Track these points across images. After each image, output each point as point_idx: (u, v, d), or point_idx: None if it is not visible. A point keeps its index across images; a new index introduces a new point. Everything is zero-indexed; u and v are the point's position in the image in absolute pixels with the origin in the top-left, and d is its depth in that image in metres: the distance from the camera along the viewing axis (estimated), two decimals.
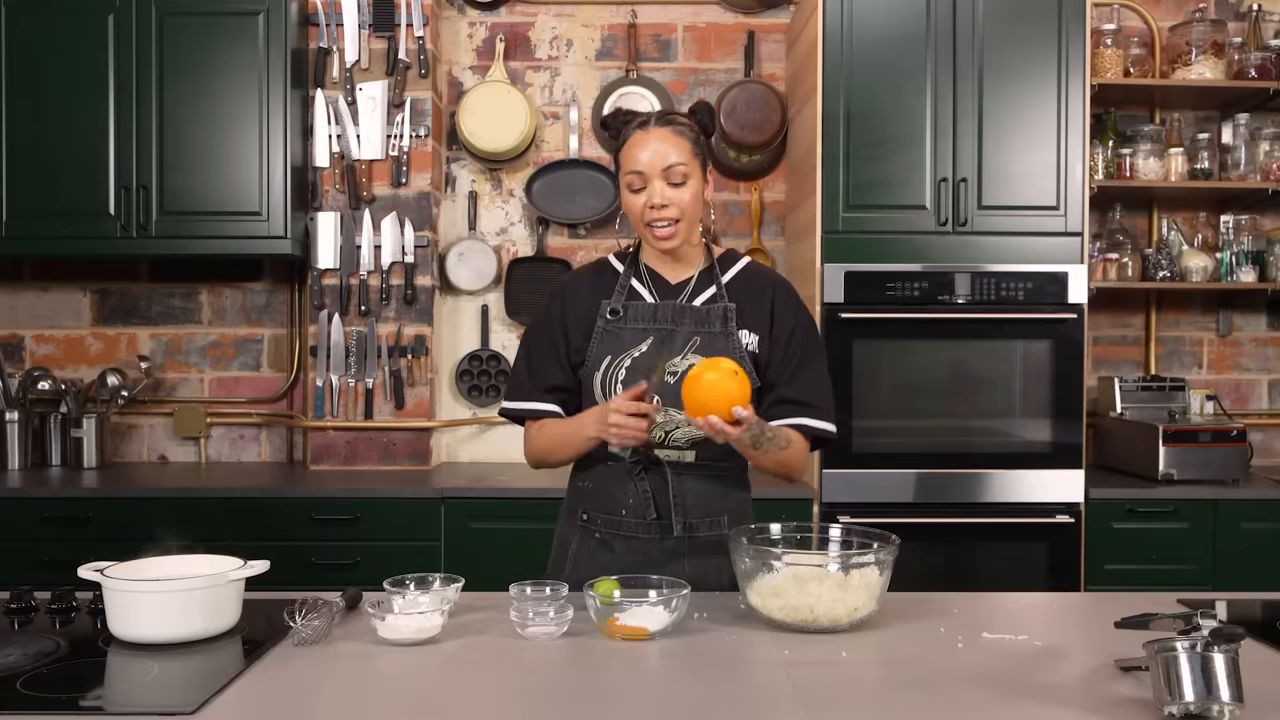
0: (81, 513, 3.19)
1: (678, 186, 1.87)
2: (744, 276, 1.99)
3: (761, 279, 1.99)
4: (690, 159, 1.88)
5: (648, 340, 1.90)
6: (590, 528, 1.96)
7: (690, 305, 1.93)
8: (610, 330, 1.92)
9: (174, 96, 3.41)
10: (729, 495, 1.96)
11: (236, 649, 1.56)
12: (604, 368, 1.91)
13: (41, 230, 3.41)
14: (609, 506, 1.93)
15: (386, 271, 3.59)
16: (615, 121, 1.96)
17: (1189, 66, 3.58)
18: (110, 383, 3.67)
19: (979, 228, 3.25)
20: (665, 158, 1.86)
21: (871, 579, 1.66)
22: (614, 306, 1.94)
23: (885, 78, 3.23)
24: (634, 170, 1.87)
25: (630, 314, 1.93)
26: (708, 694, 1.39)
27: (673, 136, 1.87)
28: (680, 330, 1.91)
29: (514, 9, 3.84)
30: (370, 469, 3.58)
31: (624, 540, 1.92)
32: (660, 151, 1.86)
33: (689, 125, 1.91)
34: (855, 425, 3.23)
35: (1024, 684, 1.42)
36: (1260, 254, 3.64)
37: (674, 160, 1.86)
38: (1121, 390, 3.62)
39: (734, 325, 1.92)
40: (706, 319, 1.92)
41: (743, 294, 1.96)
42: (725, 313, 1.92)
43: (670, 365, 1.88)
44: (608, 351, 1.91)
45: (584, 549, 1.96)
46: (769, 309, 1.95)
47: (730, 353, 1.89)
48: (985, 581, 3.20)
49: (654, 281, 1.97)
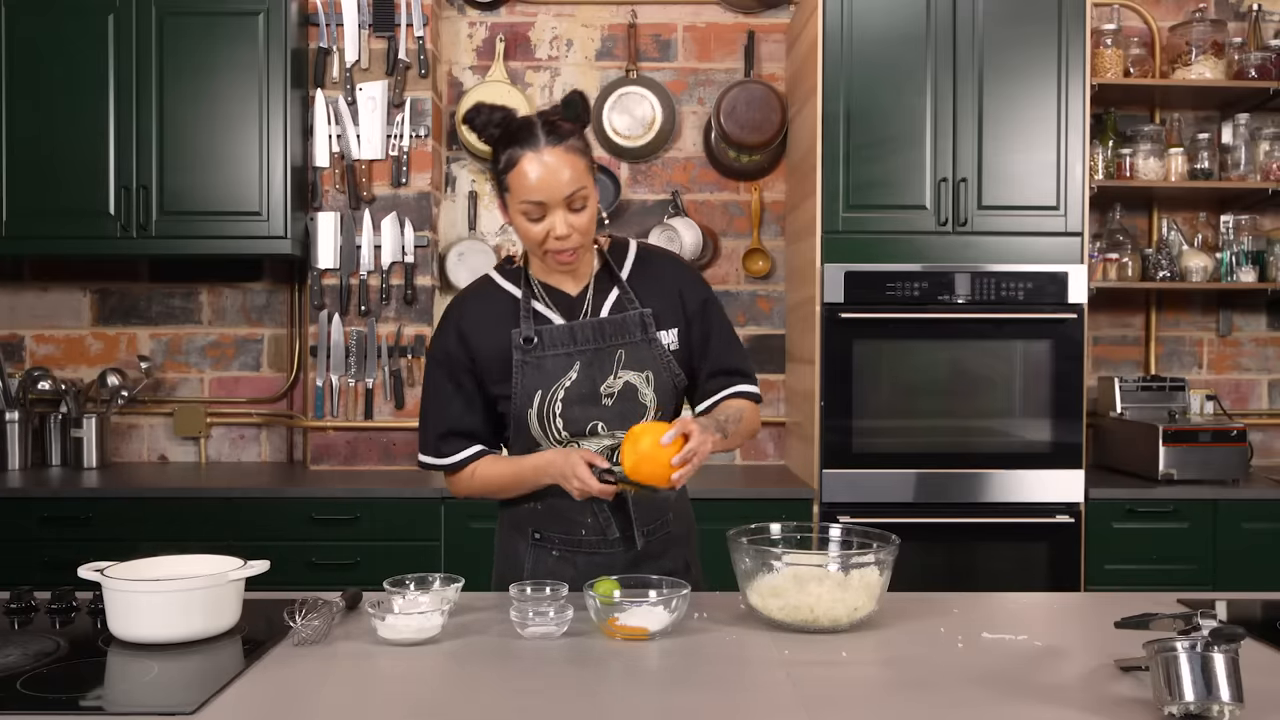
0: (81, 513, 3.19)
1: (580, 211, 1.74)
2: (640, 267, 1.90)
3: (657, 265, 1.91)
4: (587, 175, 1.74)
5: (574, 366, 1.81)
6: (545, 545, 1.90)
7: (606, 319, 1.84)
8: (530, 362, 1.81)
9: (174, 96, 3.41)
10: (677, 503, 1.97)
11: (236, 649, 1.56)
12: (537, 404, 1.81)
13: (41, 230, 3.42)
14: (565, 527, 1.88)
15: (386, 271, 3.59)
16: (483, 122, 1.76)
17: (1189, 66, 3.58)
18: (110, 383, 3.67)
19: (979, 228, 3.25)
20: (566, 186, 1.71)
21: (871, 579, 1.66)
22: (527, 335, 1.82)
23: (885, 78, 3.23)
24: (531, 200, 1.72)
25: (546, 339, 1.82)
26: (708, 694, 1.39)
27: (569, 156, 1.71)
28: (604, 348, 1.83)
29: (514, 9, 3.84)
30: (370, 469, 3.58)
31: (585, 556, 1.88)
32: (559, 180, 1.71)
33: (577, 133, 1.75)
34: (855, 425, 3.23)
35: (1024, 684, 1.42)
36: (1260, 254, 3.64)
37: (575, 186, 1.71)
38: (1121, 390, 3.62)
39: (654, 331, 1.85)
40: (625, 329, 1.84)
41: (647, 288, 1.88)
42: (643, 319, 1.84)
43: (606, 388, 1.82)
44: (536, 386, 1.81)
45: (540, 564, 1.90)
46: (678, 299, 1.88)
47: (654, 360, 1.84)
48: (985, 581, 3.20)
49: (552, 296, 1.87)
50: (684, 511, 2.01)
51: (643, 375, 1.84)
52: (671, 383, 1.88)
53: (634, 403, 1.84)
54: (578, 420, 1.82)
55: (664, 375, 1.86)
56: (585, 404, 1.82)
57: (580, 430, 1.83)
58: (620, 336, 1.84)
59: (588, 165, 1.75)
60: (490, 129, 1.76)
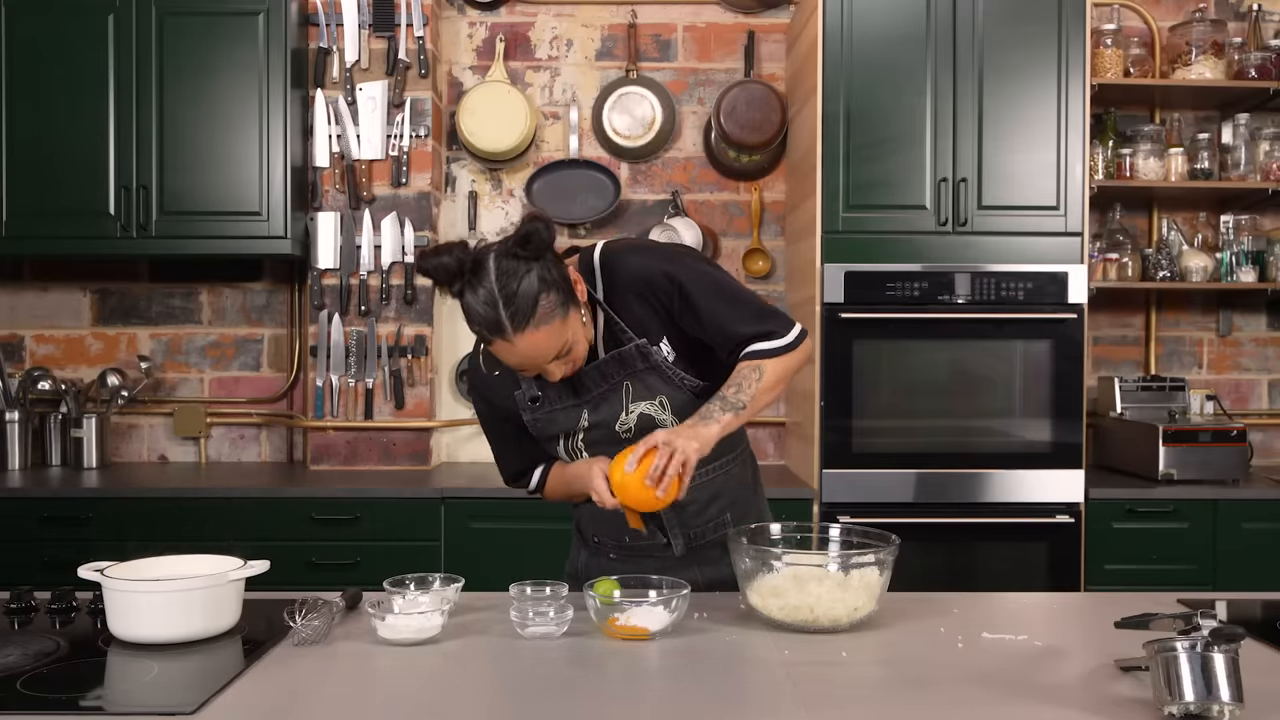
0: (81, 513, 3.19)
1: (567, 355, 1.68)
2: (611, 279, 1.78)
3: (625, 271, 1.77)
4: (564, 327, 1.63)
5: (583, 415, 1.81)
6: (603, 548, 1.97)
7: (603, 361, 1.78)
8: (541, 418, 1.83)
9: (174, 96, 3.41)
10: (723, 493, 1.93)
11: (236, 649, 1.56)
12: (562, 447, 1.85)
13: (41, 230, 3.41)
14: (613, 533, 1.92)
15: (386, 271, 3.59)
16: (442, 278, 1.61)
17: (1189, 66, 3.58)
18: (110, 383, 3.67)
19: (979, 228, 3.25)
20: (545, 356, 1.64)
21: (871, 579, 1.66)
22: (532, 394, 1.81)
23: (885, 78, 3.23)
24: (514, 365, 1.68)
25: (552, 393, 1.81)
26: (708, 694, 1.39)
27: (539, 335, 1.60)
28: (609, 388, 1.80)
29: (514, 9, 3.84)
30: (370, 469, 3.58)
31: (637, 560, 1.92)
32: (535, 359, 1.64)
33: (543, 294, 1.59)
34: (855, 425, 3.23)
35: (1024, 684, 1.42)
36: (1260, 254, 3.64)
37: (555, 353, 1.65)
38: (1121, 390, 3.62)
39: (654, 358, 1.78)
40: (625, 362, 1.78)
41: (624, 303, 1.77)
42: (639, 351, 1.77)
43: (621, 425, 1.81)
44: (554, 433, 1.84)
45: (594, 564, 1.98)
46: (656, 302, 1.76)
47: (663, 383, 1.79)
48: (985, 581, 3.19)
49: None
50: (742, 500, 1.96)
51: (656, 402, 1.81)
52: (688, 395, 1.81)
53: (655, 429, 1.79)
54: (604, 454, 1.80)
55: (678, 394, 1.81)
56: (607, 442, 1.81)
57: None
58: (622, 371, 1.79)
59: (561, 320, 1.62)
60: (453, 282, 1.62)
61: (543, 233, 1.60)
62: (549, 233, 1.61)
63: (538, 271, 1.60)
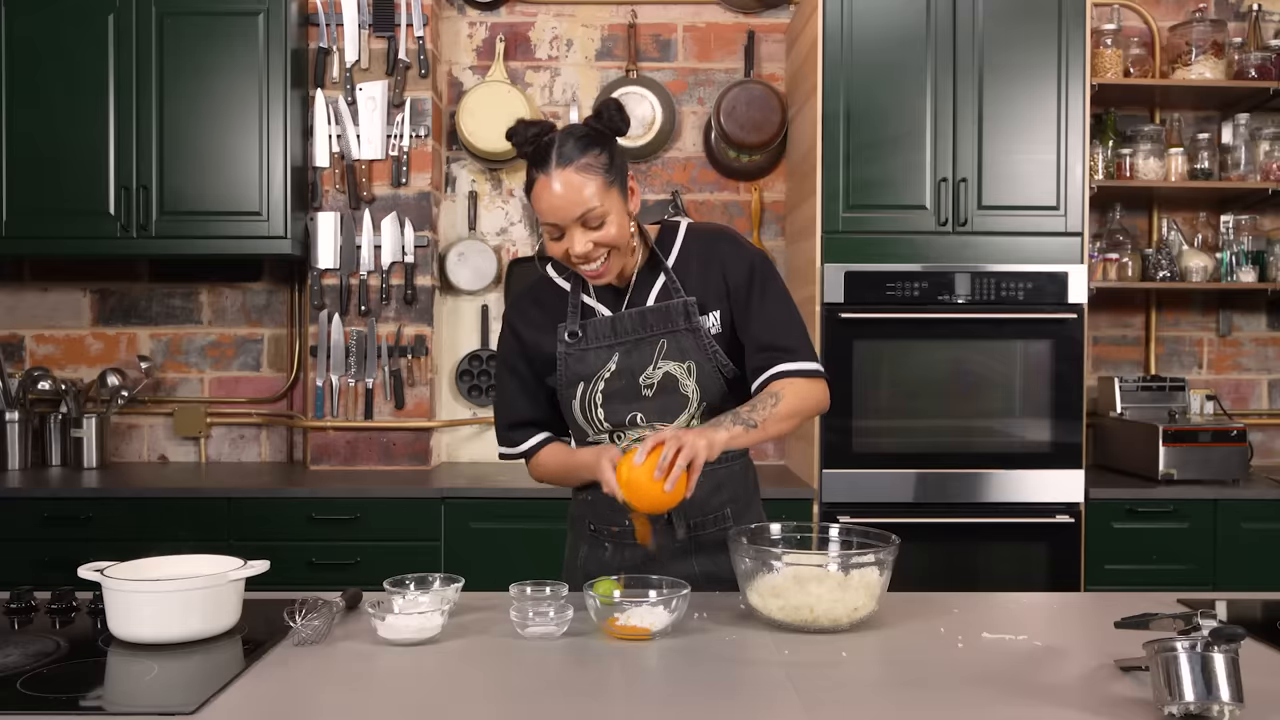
0: (81, 513, 3.19)
1: (599, 228, 1.73)
2: (687, 250, 1.89)
3: (703, 245, 1.89)
4: (604, 192, 1.72)
5: (614, 358, 1.84)
6: (599, 537, 1.97)
7: (649, 309, 1.85)
8: (573, 354, 1.86)
9: (174, 96, 3.41)
10: (725, 489, 1.94)
11: (236, 649, 1.56)
12: (579, 395, 1.86)
13: (41, 230, 3.42)
14: (612, 519, 1.92)
15: (386, 271, 3.59)
16: (519, 140, 1.76)
17: (1189, 66, 3.58)
18: (110, 383, 3.67)
19: (979, 228, 3.25)
20: (575, 208, 1.70)
21: (871, 579, 1.66)
22: (572, 329, 1.86)
23: (885, 78, 3.23)
24: (546, 222, 1.74)
25: (590, 333, 1.85)
26: (708, 694, 1.39)
27: (578, 178, 1.70)
28: (646, 338, 1.84)
29: (514, 9, 3.84)
30: (370, 469, 3.58)
31: (633, 548, 1.91)
32: (567, 204, 1.70)
33: (595, 150, 1.72)
34: (855, 425, 3.23)
35: (1024, 684, 1.42)
36: (1260, 254, 3.64)
37: (586, 207, 1.71)
38: (1121, 390, 3.62)
39: (696, 320, 1.83)
40: (668, 317, 1.84)
41: (692, 271, 1.86)
42: (686, 308, 1.83)
43: (645, 378, 1.84)
44: (578, 377, 1.86)
45: (594, 555, 1.97)
46: (721, 276, 1.85)
47: (698, 350, 1.83)
48: (985, 581, 3.20)
49: (599, 289, 1.89)
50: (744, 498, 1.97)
51: (684, 366, 1.84)
52: (717, 373, 1.85)
53: (675, 395, 1.84)
54: (618, 411, 1.85)
55: (708, 366, 1.84)
56: (626, 395, 1.84)
57: (620, 421, 1.86)
58: (663, 325, 1.84)
59: (604, 182, 1.72)
60: (525, 146, 1.76)
61: (614, 109, 1.75)
62: (621, 114, 1.75)
63: (597, 137, 1.74)
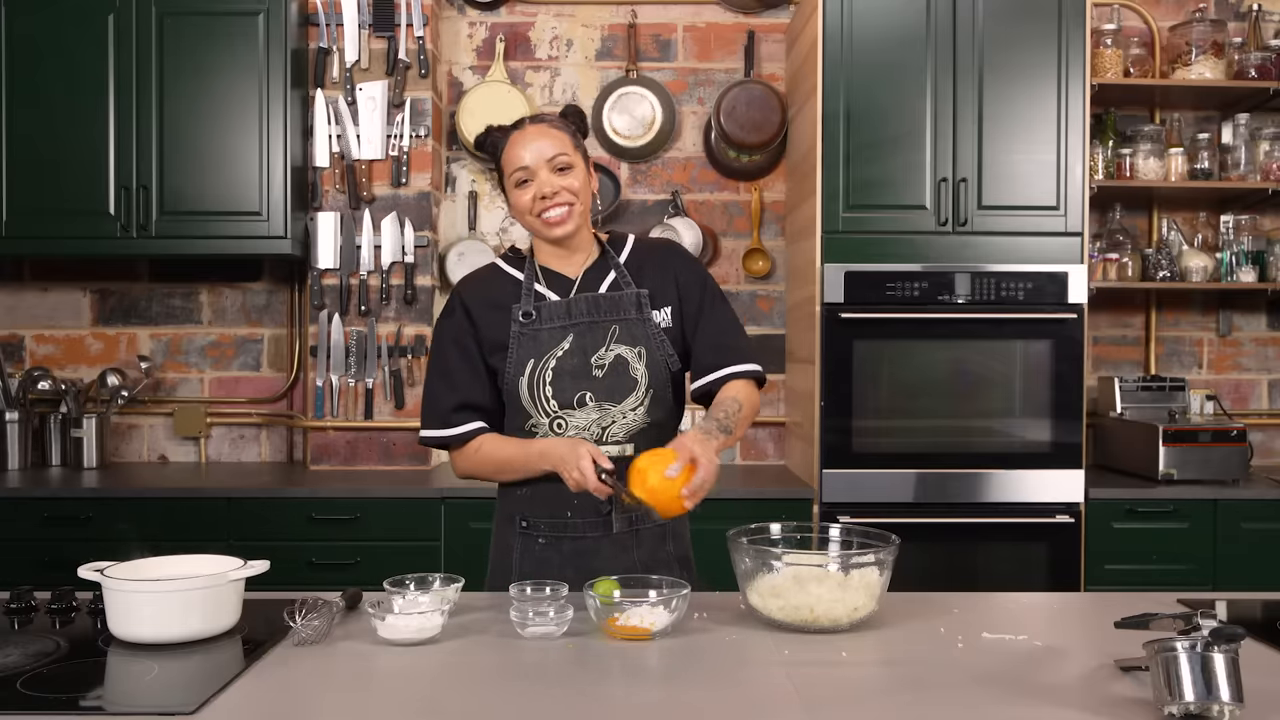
0: (81, 513, 3.19)
1: (564, 172, 1.88)
2: (638, 252, 2.00)
3: (654, 250, 2.02)
4: (572, 150, 1.91)
5: (567, 338, 1.90)
6: (532, 534, 1.93)
7: (602, 295, 1.93)
8: (526, 334, 1.90)
9: (174, 96, 3.41)
10: None
11: (236, 649, 1.56)
12: (529, 372, 1.88)
13: (41, 230, 3.42)
14: (552, 510, 1.91)
15: (386, 271, 3.59)
16: (489, 137, 1.97)
17: (1189, 66, 3.58)
18: (110, 383, 3.67)
19: (979, 228, 3.25)
20: (547, 150, 1.88)
21: (871, 579, 1.66)
22: (526, 310, 1.92)
23: (885, 78, 3.23)
24: (518, 167, 1.88)
25: (544, 314, 1.91)
26: (708, 694, 1.39)
27: (551, 131, 1.90)
28: (599, 322, 1.91)
29: (514, 9, 3.84)
30: (370, 469, 3.58)
31: (571, 541, 1.91)
32: (541, 146, 1.88)
33: (562, 123, 1.94)
34: (855, 425, 3.23)
35: (1024, 684, 1.42)
36: (1260, 254, 3.64)
37: (556, 150, 1.88)
38: (1121, 390, 3.62)
39: (649, 310, 1.93)
40: (620, 305, 1.92)
41: (643, 270, 1.97)
42: (639, 299, 1.93)
43: (597, 359, 1.89)
44: (529, 356, 1.89)
45: (528, 554, 1.93)
46: (673, 278, 1.97)
47: (648, 338, 1.91)
48: (985, 581, 3.20)
49: (551, 280, 1.96)
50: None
51: (635, 351, 1.90)
52: (664, 362, 1.93)
53: (625, 376, 1.89)
54: (566, 390, 1.87)
55: (657, 354, 1.92)
56: (576, 375, 1.88)
57: (568, 401, 1.88)
58: (615, 313, 1.92)
59: (573, 143, 1.92)
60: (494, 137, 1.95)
61: (575, 113, 1.98)
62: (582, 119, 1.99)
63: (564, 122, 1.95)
